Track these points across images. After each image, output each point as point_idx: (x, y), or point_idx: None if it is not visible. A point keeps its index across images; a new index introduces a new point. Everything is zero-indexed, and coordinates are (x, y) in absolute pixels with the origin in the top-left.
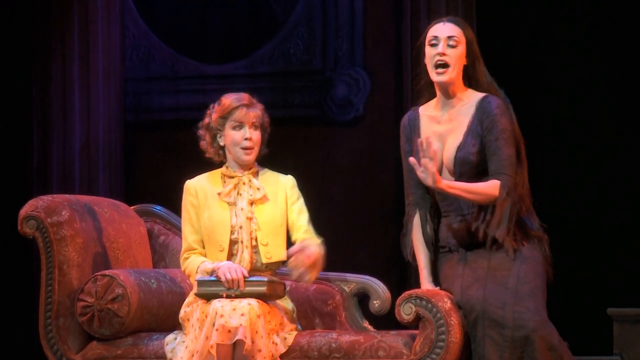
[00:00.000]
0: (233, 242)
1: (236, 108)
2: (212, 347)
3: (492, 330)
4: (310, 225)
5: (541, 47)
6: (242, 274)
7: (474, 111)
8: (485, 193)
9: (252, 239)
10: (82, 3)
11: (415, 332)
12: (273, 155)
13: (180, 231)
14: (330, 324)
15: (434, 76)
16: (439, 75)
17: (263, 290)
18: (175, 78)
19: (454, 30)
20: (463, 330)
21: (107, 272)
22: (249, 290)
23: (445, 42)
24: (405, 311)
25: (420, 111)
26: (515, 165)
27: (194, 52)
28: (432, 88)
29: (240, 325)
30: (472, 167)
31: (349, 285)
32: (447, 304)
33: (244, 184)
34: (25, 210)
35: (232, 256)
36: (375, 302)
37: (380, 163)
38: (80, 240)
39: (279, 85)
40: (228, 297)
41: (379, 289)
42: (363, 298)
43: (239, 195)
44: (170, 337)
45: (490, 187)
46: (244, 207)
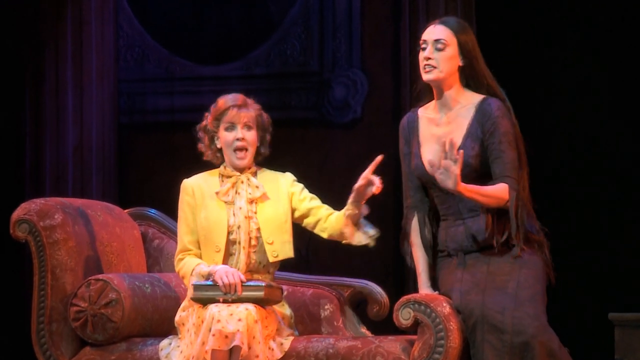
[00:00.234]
0: (231, 243)
1: (228, 109)
2: (207, 352)
3: (491, 336)
4: None
5: (541, 47)
6: (239, 279)
7: (473, 113)
8: (497, 196)
9: (252, 239)
10: (75, 3)
11: (414, 337)
12: (270, 158)
13: (175, 235)
14: (327, 329)
15: (423, 75)
16: (426, 74)
17: (260, 295)
18: (170, 79)
19: (442, 33)
20: (462, 336)
21: (100, 276)
22: (247, 295)
23: (432, 45)
24: (404, 316)
25: (420, 113)
26: (517, 169)
27: (189, 53)
28: (431, 90)
29: (238, 330)
30: (471, 170)
31: (346, 290)
32: (446, 309)
33: (242, 182)
34: (17, 213)
35: (229, 256)
36: (373, 307)
37: (379, 166)
38: (73, 244)
39: (275, 87)
40: (225, 301)
41: (377, 294)
42: (361, 303)
43: (237, 194)
44: (165, 342)
45: (500, 191)
46: (242, 206)
